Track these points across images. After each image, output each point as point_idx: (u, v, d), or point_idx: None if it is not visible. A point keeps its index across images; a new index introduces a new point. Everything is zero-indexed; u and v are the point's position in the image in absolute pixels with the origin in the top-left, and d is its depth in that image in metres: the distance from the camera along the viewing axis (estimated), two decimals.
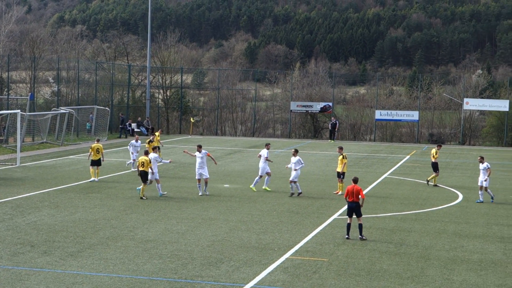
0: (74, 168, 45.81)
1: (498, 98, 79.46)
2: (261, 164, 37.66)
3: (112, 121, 75.72)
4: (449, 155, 62.87)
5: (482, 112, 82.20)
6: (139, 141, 45.05)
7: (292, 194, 36.15)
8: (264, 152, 37.57)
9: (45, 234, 26.13)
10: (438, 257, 24.15)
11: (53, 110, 66.00)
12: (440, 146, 43.58)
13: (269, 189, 37.54)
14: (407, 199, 36.06)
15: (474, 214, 32.74)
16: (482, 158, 36.88)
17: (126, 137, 71.69)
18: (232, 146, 65.18)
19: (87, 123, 71.10)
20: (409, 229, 28.67)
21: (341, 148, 38.10)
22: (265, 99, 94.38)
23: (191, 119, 79.63)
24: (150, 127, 76.38)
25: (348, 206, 26.58)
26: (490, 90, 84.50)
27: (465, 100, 76.60)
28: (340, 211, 32.49)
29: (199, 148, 36.53)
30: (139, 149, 44.82)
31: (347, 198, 26.55)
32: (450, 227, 29.50)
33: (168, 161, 40.40)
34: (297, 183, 36.23)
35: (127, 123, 75.92)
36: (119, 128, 74.71)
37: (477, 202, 35.94)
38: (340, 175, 37.44)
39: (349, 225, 26.61)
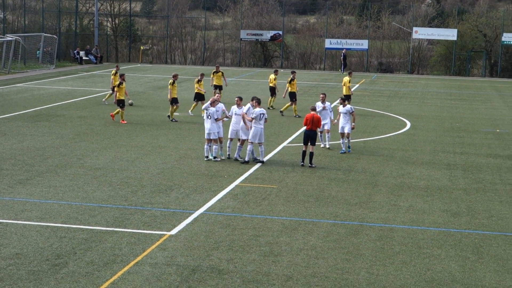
0: (21, 96, 45.14)
1: (446, 27, 79.85)
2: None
3: (60, 49, 74.58)
4: (397, 84, 63.28)
5: (430, 42, 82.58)
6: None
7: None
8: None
9: None
10: (385, 184, 24.44)
11: None
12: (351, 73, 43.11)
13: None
14: (355, 127, 36.22)
15: (421, 141, 33.10)
16: (343, 100, 30.13)
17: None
18: (182, 75, 64.63)
19: (37, 51, 69.92)
20: (358, 157, 28.92)
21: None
22: (215, 27, 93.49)
23: (141, 47, 78.70)
24: (99, 55, 75.44)
25: (305, 133, 26.59)
26: (439, 20, 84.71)
27: (414, 29, 76.89)
28: (290, 139, 32.64)
29: (239, 100, 27.74)
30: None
31: (306, 126, 26.65)
32: (398, 154, 29.82)
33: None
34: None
35: (74, 51, 74.87)
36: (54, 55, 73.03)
37: (341, 152, 29.47)
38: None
39: (304, 153, 26.71)
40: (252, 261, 16.32)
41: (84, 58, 74.39)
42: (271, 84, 42.42)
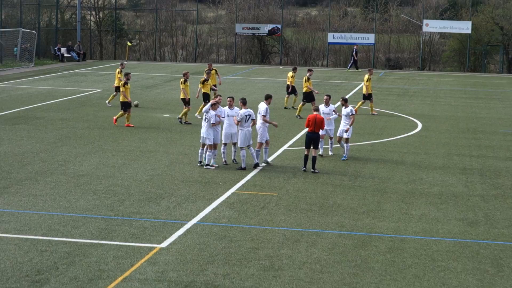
0: None
1: (460, 19, 79.88)
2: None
3: (39, 46, 74.54)
4: (407, 81, 63.30)
5: (442, 35, 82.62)
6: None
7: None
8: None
9: None
10: (395, 190, 24.37)
11: None
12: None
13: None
14: (362, 128, 36.21)
15: (434, 144, 33.05)
16: (345, 100, 29.71)
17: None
18: (172, 73, 64.72)
19: (15, 48, 69.89)
20: (365, 161, 28.85)
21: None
22: (208, 21, 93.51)
23: (128, 43, 78.69)
24: (81, 52, 75.41)
25: (307, 136, 26.52)
26: (452, 11, 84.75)
27: (425, 21, 76.86)
28: (290, 142, 32.58)
29: (231, 100, 27.59)
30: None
31: (308, 127, 26.58)
32: (409, 158, 29.75)
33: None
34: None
35: (55, 48, 74.80)
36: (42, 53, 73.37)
37: (343, 159, 28.89)
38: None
39: (306, 157, 26.61)
40: (250, 276, 16.25)
41: (65, 55, 74.30)
42: (288, 83, 42.75)
